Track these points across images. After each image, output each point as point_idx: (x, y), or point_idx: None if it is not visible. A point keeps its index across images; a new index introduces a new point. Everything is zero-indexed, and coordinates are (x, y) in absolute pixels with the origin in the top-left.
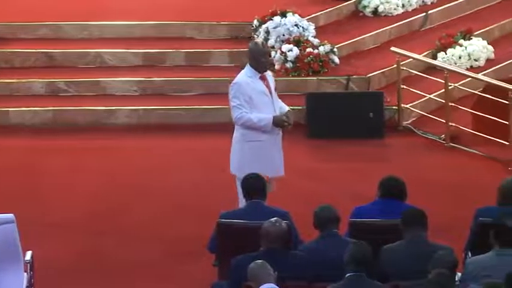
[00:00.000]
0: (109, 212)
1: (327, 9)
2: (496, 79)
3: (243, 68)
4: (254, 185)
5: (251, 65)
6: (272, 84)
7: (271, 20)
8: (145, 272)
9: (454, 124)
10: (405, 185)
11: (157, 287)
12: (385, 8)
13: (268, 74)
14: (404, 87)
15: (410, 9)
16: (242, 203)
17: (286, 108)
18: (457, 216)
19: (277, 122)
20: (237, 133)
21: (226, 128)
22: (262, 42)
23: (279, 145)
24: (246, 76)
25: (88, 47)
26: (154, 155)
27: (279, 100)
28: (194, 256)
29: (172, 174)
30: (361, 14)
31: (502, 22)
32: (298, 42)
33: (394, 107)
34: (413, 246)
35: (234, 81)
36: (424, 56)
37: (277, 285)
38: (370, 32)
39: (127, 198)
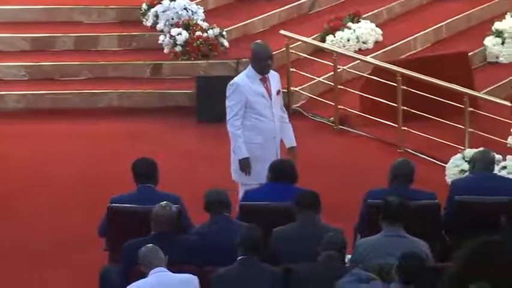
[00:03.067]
0: None
1: None
2: (384, 61)
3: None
4: (145, 169)
5: (253, 67)
6: (274, 87)
7: (160, 3)
8: (36, 259)
9: (343, 107)
10: (295, 168)
11: (47, 272)
12: None
13: (273, 75)
14: (294, 70)
15: None
16: None
17: (292, 140)
18: (347, 198)
19: (241, 165)
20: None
21: (115, 111)
22: (266, 45)
23: (277, 150)
24: (245, 76)
25: None
26: (44, 139)
27: (285, 112)
28: (85, 241)
29: (63, 159)
30: None
31: (390, 5)
32: (187, 25)
33: (283, 90)
34: (305, 228)
35: (232, 81)
36: (313, 39)
37: (168, 269)
38: (260, 16)
39: (17, 184)
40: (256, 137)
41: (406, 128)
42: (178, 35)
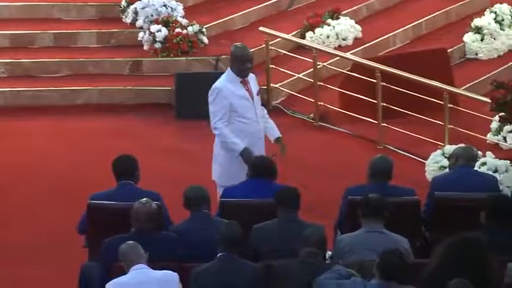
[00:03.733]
0: None
1: None
2: (364, 58)
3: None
4: (125, 166)
5: (232, 69)
6: (254, 89)
7: (140, 0)
8: (15, 257)
9: (323, 103)
10: (274, 164)
11: (26, 270)
12: None
13: (252, 77)
14: (273, 66)
15: None
16: None
17: (276, 131)
18: (327, 194)
19: (245, 158)
20: (218, 138)
21: (95, 108)
22: (246, 47)
23: (262, 152)
24: (226, 81)
25: None
26: (23, 136)
27: (264, 109)
28: (66, 238)
29: (42, 156)
30: None
31: (369, 1)
32: (166, 22)
33: (263, 87)
34: (285, 224)
35: (213, 86)
36: (293, 35)
37: (148, 266)
38: (239, 12)
39: None
40: (242, 140)
41: (385, 125)
42: (157, 31)
